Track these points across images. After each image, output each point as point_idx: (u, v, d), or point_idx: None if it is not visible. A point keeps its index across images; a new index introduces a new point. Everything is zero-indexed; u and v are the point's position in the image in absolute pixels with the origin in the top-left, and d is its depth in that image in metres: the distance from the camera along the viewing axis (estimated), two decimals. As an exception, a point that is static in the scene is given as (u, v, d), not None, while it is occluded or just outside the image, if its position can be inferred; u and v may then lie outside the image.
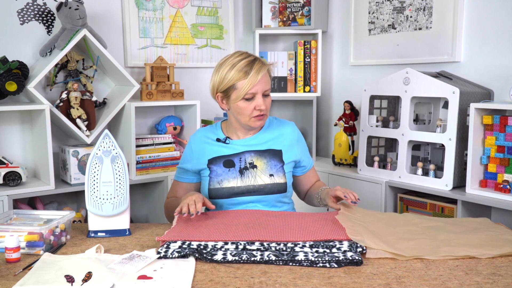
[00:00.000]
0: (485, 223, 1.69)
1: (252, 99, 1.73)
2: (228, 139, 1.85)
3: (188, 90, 3.05)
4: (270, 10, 3.20)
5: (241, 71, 1.71)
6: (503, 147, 2.11)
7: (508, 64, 2.34)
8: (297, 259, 1.31)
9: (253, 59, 1.74)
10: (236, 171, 1.81)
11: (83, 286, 1.17)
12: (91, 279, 1.21)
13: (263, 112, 1.76)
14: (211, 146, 1.86)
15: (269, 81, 1.77)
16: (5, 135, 2.53)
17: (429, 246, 1.42)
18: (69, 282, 1.19)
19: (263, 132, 1.87)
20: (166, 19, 2.99)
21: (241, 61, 1.72)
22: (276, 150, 1.84)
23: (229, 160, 1.82)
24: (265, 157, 1.82)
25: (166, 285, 1.19)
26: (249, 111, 1.74)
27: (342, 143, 2.87)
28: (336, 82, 3.25)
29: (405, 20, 2.75)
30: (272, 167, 1.81)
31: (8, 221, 1.58)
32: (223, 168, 1.81)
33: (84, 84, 2.63)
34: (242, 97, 1.72)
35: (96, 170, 1.56)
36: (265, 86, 1.74)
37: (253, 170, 1.80)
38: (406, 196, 2.49)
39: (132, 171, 2.65)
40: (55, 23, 2.61)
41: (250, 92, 1.71)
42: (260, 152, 1.83)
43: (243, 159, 1.82)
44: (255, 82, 1.70)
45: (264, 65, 1.74)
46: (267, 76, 1.76)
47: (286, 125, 1.91)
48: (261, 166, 1.81)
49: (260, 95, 1.73)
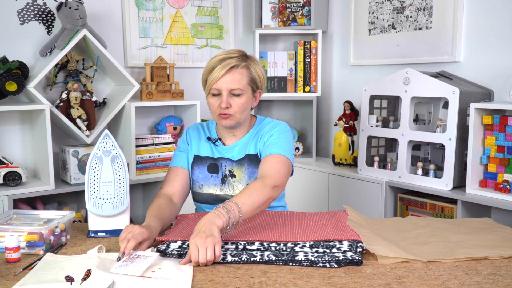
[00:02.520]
0: (489, 223, 1.68)
1: (219, 95, 1.68)
2: (219, 141, 1.80)
3: (188, 90, 3.04)
4: (270, 10, 3.20)
5: (210, 65, 1.68)
6: (503, 147, 2.11)
7: (508, 64, 2.34)
8: (297, 259, 1.31)
9: (231, 57, 1.67)
10: (219, 178, 1.76)
11: (83, 285, 1.17)
12: (90, 277, 1.20)
13: (227, 111, 1.67)
14: (200, 142, 1.82)
15: (240, 79, 1.66)
16: (5, 135, 2.53)
17: (445, 248, 1.41)
18: (68, 282, 1.19)
19: (247, 137, 1.79)
20: (166, 19, 2.99)
21: (219, 56, 1.68)
22: (252, 154, 1.75)
23: (214, 165, 1.77)
24: (242, 165, 1.75)
25: (166, 284, 1.19)
26: (214, 108, 1.70)
27: (342, 143, 2.87)
28: (336, 82, 3.25)
29: (405, 20, 2.75)
30: (250, 175, 1.73)
31: (8, 221, 1.58)
32: (206, 172, 1.77)
33: (84, 84, 2.63)
34: (208, 92, 1.70)
35: (96, 170, 1.56)
36: (231, 84, 1.65)
37: (232, 179, 1.75)
38: (406, 196, 2.49)
39: (132, 171, 2.65)
40: (55, 23, 2.61)
41: (214, 87, 1.67)
42: (238, 161, 1.75)
43: (224, 165, 1.77)
44: (217, 78, 1.64)
45: (234, 63, 1.66)
46: (236, 75, 1.66)
47: (268, 124, 1.78)
48: (239, 176, 1.75)
49: (225, 92, 1.66)
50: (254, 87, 1.74)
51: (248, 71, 1.70)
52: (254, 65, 1.72)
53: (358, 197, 2.62)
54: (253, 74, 1.71)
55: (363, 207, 2.55)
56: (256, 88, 1.75)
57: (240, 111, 1.69)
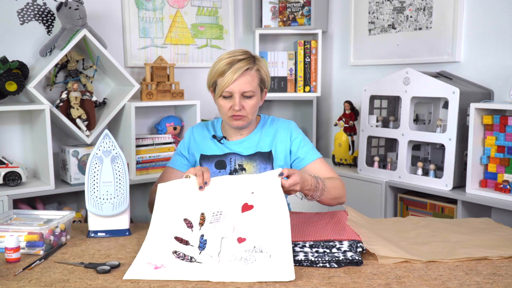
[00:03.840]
0: (489, 223, 1.68)
1: (230, 97, 1.71)
2: (224, 139, 1.83)
3: (188, 90, 3.05)
4: (270, 10, 3.20)
5: (220, 69, 1.69)
6: (503, 147, 2.11)
7: (508, 64, 2.34)
8: (297, 259, 1.31)
9: (240, 59, 1.69)
10: (227, 173, 1.79)
11: (201, 230, 1.37)
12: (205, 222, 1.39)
13: (240, 113, 1.71)
14: (206, 141, 1.84)
15: (252, 81, 1.69)
16: (5, 135, 2.53)
17: (444, 249, 1.41)
18: (189, 228, 1.39)
19: (254, 134, 1.83)
20: (166, 19, 2.99)
21: (227, 58, 1.69)
22: (265, 152, 1.79)
23: (221, 161, 1.80)
24: (254, 160, 1.79)
25: (267, 212, 1.36)
26: (226, 110, 1.72)
27: (342, 143, 2.87)
28: (336, 82, 3.25)
29: (405, 20, 2.75)
30: (261, 170, 1.77)
31: (8, 221, 1.58)
32: (213, 169, 1.80)
33: (84, 84, 2.63)
34: (220, 95, 1.71)
35: (96, 170, 1.56)
36: (244, 87, 1.68)
37: (242, 173, 1.78)
38: (406, 196, 2.49)
39: (132, 171, 2.65)
40: (55, 23, 2.61)
41: (226, 90, 1.69)
42: (249, 156, 1.79)
43: (233, 160, 1.80)
44: (230, 81, 1.67)
45: (246, 66, 1.68)
46: (248, 77, 1.69)
47: (279, 124, 1.85)
48: (250, 170, 1.78)
49: (237, 95, 1.69)
50: (263, 87, 1.78)
51: (258, 73, 1.73)
52: (262, 65, 1.76)
53: (358, 197, 2.62)
54: (262, 75, 1.75)
55: (363, 207, 2.55)
56: (263, 87, 1.79)
57: (252, 112, 1.74)
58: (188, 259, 1.29)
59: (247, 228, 1.35)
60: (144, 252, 1.34)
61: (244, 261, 1.26)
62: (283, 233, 1.31)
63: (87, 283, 1.21)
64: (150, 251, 1.34)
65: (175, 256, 1.31)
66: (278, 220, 1.34)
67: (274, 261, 1.25)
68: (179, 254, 1.32)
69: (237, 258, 1.27)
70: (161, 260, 1.30)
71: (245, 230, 1.35)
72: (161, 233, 1.41)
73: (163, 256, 1.31)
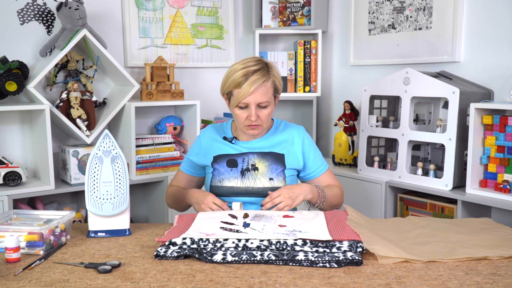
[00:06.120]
0: (489, 223, 1.68)
1: (246, 108, 1.75)
2: (235, 139, 1.88)
3: (188, 90, 3.05)
4: (270, 10, 3.20)
5: (236, 81, 1.72)
6: (503, 147, 2.11)
7: (508, 64, 2.34)
8: (297, 259, 1.31)
9: (254, 70, 1.72)
10: (238, 171, 1.83)
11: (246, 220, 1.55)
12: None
13: (256, 123, 1.76)
14: (217, 143, 1.89)
15: (267, 92, 1.74)
16: (5, 135, 2.53)
17: (444, 249, 1.41)
18: (233, 218, 1.57)
19: (268, 136, 1.88)
20: (166, 19, 2.99)
21: (242, 70, 1.72)
22: (278, 154, 1.84)
23: (233, 160, 1.85)
24: (267, 160, 1.83)
25: (306, 219, 1.57)
26: (242, 119, 1.77)
27: (342, 143, 2.87)
28: (336, 82, 3.25)
29: (405, 20, 2.75)
30: (273, 170, 1.82)
31: (8, 221, 1.58)
32: (225, 167, 1.84)
33: (84, 84, 2.63)
34: (236, 105, 1.75)
35: (96, 170, 1.56)
36: (260, 98, 1.72)
37: (254, 173, 1.82)
38: (406, 196, 2.49)
39: (132, 171, 2.65)
40: (55, 23, 2.61)
41: (243, 102, 1.73)
42: (262, 154, 1.84)
43: (246, 160, 1.84)
44: (246, 94, 1.71)
45: (262, 78, 1.71)
46: (264, 88, 1.73)
47: (292, 129, 1.90)
48: (262, 169, 1.82)
49: (253, 106, 1.73)
50: (276, 94, 1.82)
51: (273, 83, 1.77)
52: (275, 73, 1.79)
53: (358, 197, 2.62)
54: (276, 84, 1.79)
55: (363, 207, 2.55)
56: (277, 94, 1.83)
57: (267, 120, 1.80)
58: (235, 231, 1.47)
59: (287, 222, 1.55)
60: (193, 227, 1.51)
61: (286, 235, 1.42)
62: (320, 226, 1.51)
63: (87, 283, 1.21)
64: (199, 227, 1.51)
65: (223, 229, 1.48)
66: (316, 222, 1.55)
67: (312, 234, 1.43)
68: (226, 228, 1.49)
69: (279, 234, 1.44)
70: (211, 230, 1.47)
71: (286, 222, 1.55)
72: (208, 219, 1.59)
73: (212, 228, 1.49)
